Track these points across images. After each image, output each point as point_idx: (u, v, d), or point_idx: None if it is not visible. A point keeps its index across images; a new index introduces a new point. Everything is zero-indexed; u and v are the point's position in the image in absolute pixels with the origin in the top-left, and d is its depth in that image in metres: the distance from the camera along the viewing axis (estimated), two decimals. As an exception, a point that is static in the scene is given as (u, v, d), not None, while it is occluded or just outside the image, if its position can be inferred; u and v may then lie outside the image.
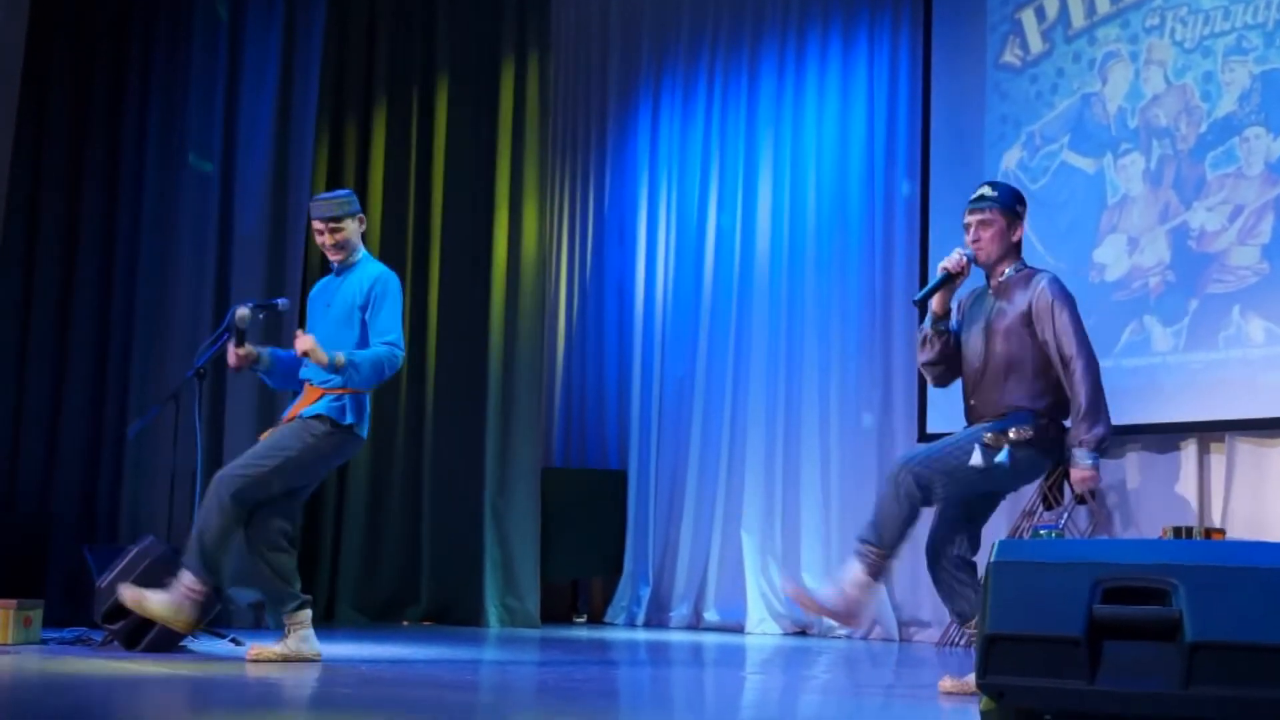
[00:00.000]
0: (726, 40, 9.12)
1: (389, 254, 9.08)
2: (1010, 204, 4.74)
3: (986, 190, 4.77)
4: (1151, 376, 6.91)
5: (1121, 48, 7.26)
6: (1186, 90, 6.99)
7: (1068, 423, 4.65)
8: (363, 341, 5.35)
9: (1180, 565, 3.24)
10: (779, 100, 8.76)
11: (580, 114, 10.11)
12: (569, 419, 9.90)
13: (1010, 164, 7.59)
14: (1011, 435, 4.58)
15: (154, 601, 5.18)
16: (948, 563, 4.83)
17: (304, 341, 5.17)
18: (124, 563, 5.71)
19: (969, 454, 4.58)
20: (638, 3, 9.76)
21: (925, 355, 4.88)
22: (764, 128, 8.80)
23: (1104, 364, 7.05)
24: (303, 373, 5.43)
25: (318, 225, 5.44)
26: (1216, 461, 6.73)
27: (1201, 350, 6.76)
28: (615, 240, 9.77)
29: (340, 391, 5.29)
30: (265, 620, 7.44)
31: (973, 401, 4.77)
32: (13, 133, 8.22)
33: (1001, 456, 4.57)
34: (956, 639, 7.16)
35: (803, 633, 8.11)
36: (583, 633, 8.08)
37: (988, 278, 4.80)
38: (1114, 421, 6.90)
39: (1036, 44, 7.61)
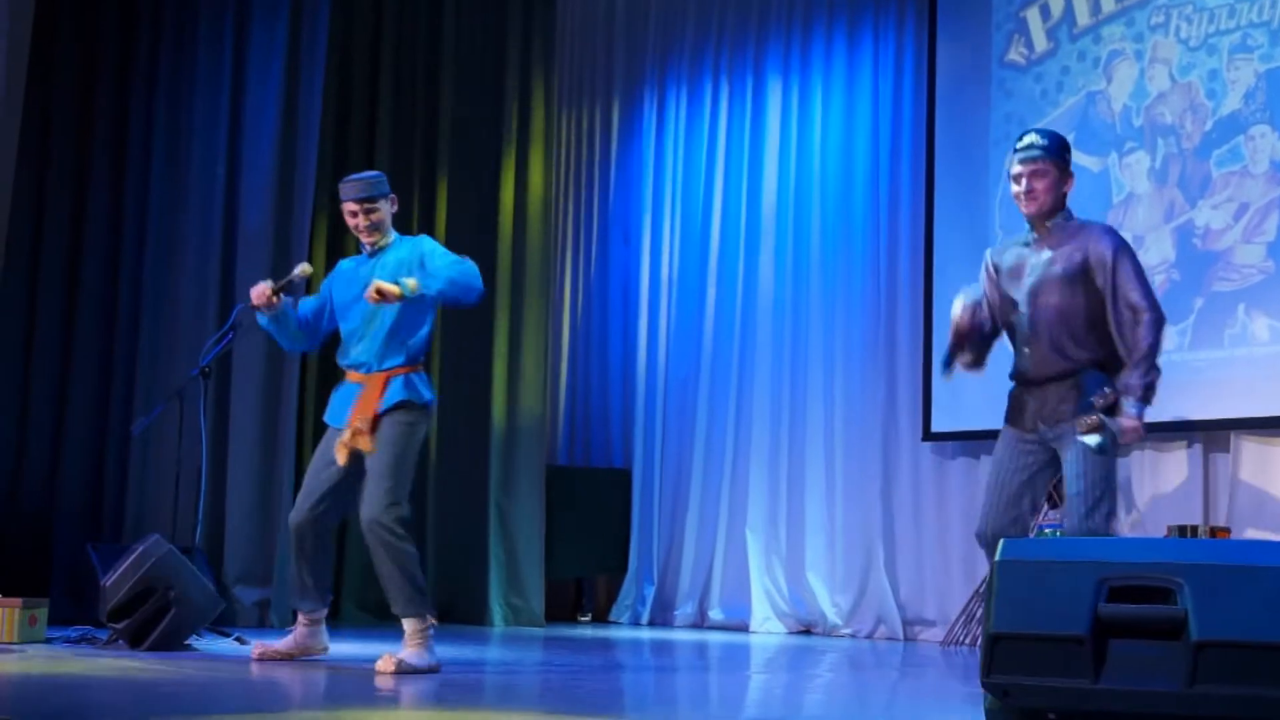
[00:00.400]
0: (732, 38, 9.11)
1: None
2: (1060, 153, 4.60)
3: (1036, 139, 4.62)
4: (1156, 375, 6.90)
5: (1126, 46, 7.26)
6: (1191, 88, 6.99)
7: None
8: (421, 312, 5.18)
9: (1185, 564, 3.24)
10: (784, 98, 8.75)
11: (585, 112, 10.11)
12: (574, 417, 9.90)
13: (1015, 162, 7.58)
14: (1098, 403, 4.39)
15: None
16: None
17: (373, 287, 4.92)
18: (129, 561, 5.71)
19: (1082, 447, 4.39)
20: (643, 2, 9.76)
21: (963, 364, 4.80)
22: (769, 126, 8.79)
23: (1109, 362, 7.08)
24: (353, 356, 5.23)
25: (350, 207, 5.26)
26: (1221, 460, 6.72)
27: (1207, 349, 6.75)
28: (620, 239, 9.77)
29: (404, 370, 5.11)
30: (270, 619, 7.45)
31: (1026, 349, 4.61)
32: (18, 130, 8.23)
33: (1106, 435, 4.36)
34: (961, 638, 7.16)
35: (807, 632, 8.11)
36: (587, 632, 8.08)
37: (1033, 228, 4.64)
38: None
39: (1041, 42, 7.60)
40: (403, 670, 4.77)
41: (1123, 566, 3.29)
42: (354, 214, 5.26)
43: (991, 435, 7.46)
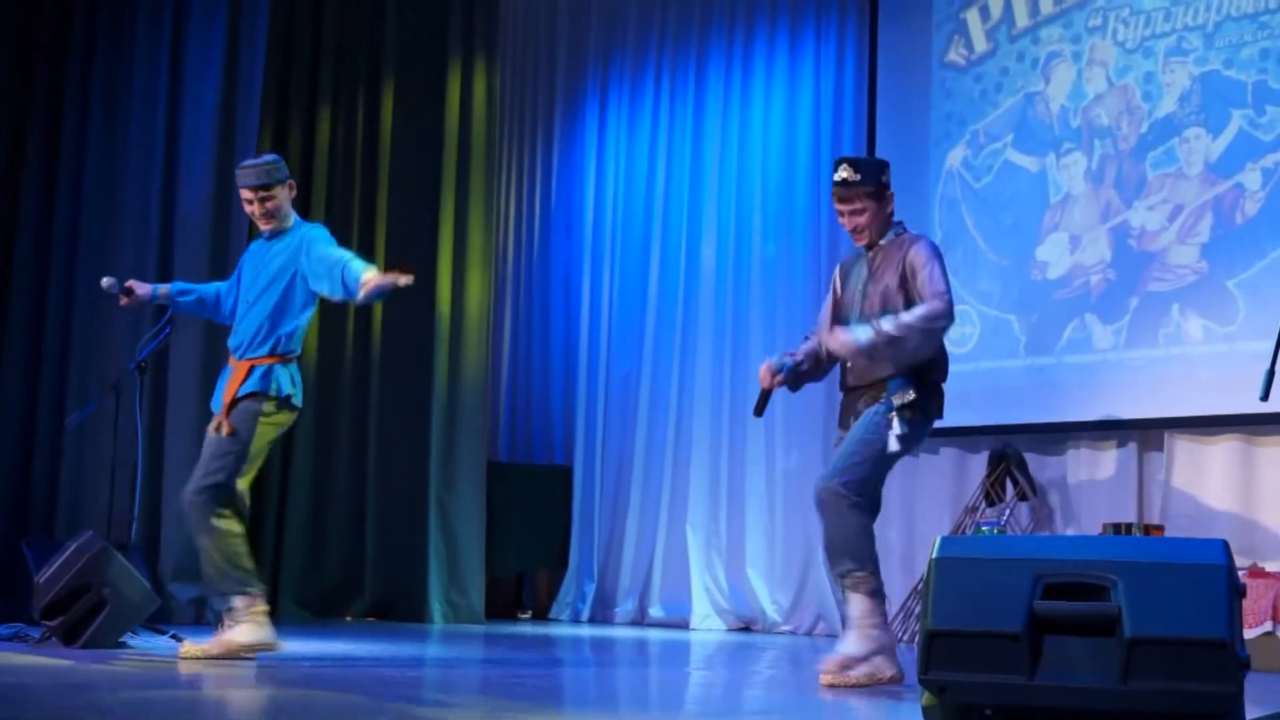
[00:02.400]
0: (674, 37, 9.12)
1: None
2: (875, 178, 4.66)
3: (847, 172, 4.66)
4: (1092, 374, 6.98)
5: (1064, 48, 7.33)
6: (1128, 90, 7.06)
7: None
8: (297, 303, 5.19)
9: (1119, 561, 3.27)
10: (726, 97, 8.77)
11: (527, 110, 10.09)
12: (515, 414, 9.88)
13: (954, 162, 7.64)
14: (896, 402, 4.56)
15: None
16: None
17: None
18: (63, 558, 5.65)
19: (884, 441, 4.57)
20: (585, 0, 9.75)
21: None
22: (711, 125, 8.81)
23: (1046, 361, 7.16)
24: (230, 340, 5.27)
25: (245, 195, 5.21)
26: (1155, 458, 6.81)
27: (1141, 348, 6.83)
28: (562, 236, 9.76)
29: (268, 360, 5.13)
30: (206, 616, 7.38)
31: (849, 364, 4.73)
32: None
33: (898, 429, 4.57)
34: (900, 634, 7.20)
35: (747, 629, 8.14)
36: (527, 629, 8.07)
37: (866, 249, 4.78)
38: (1054, 418, 7.02)
39: (981, 43, 7.66)
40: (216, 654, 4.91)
41: (1058, 564, 3.32)
42: (249, 201, 5.21)
43: (931, 432, 7.53)
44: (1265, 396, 4.16)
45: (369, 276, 4.83)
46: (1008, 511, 7.03)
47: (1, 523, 7.65)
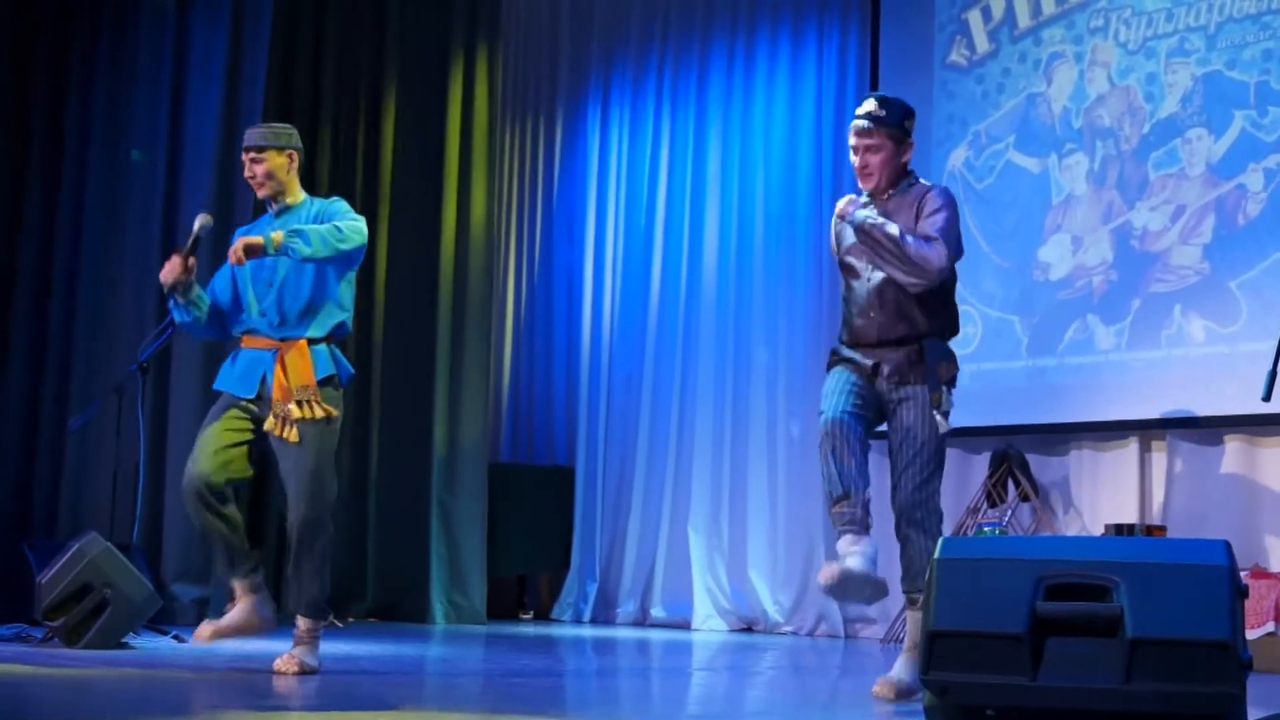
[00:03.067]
0: (676, 38, 9.12)
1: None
2: (900, 121, 4.47)
3: (873, 106, 4.48)
4: (1094, 375, 6.98)
5: (1066, 49, 7.33)
6: (1130, 91, 7.06)
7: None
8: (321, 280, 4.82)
9: (1121, 562, 3.28)
10: (728, 98, 8.77)
11: (530, 110, 10.09)
12: (517, 415, 9.88)
13: (956, 163, 7.64)
14: (944, 376, 4.38)
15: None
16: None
17: (239, 244, 4.58)
18: (65, 559, 5.65)
19: (941, 430, 4.43)
20: (587, 1, 9.75)
21: None
22: (713, 126, 8.81)
23: (1048, 362, 7.16)
24: (255, 321, 4.82)
25: (243, 157, 4.90)
26: (1157, 460, 6.80)
27: (1143, 349, 6.83)
28: (564, 237, 9.76)
29: (324, 340, 4.76)
30: (208, 616, 7.37)
31: (860, 322, 4.48)
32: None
33: (947, 403, 4.41)
34: (902, 635, 7.20)
35: (749, 629, 8.14)
36: (529, 629, 8.08)
37: (871, 199, 4.52)
38: (1056, 419, 7.02)
39: (983, 44, 7.66)
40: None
41: (1060, 564, 3.32)
42: (245, 164, 4.90)
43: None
44: (1267, 397, 4.17)
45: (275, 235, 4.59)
46: (1009, 512, 7.03)
47: (4, 524, 7.66)
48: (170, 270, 4.79)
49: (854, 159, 4.51)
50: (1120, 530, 6.35)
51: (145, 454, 6.70)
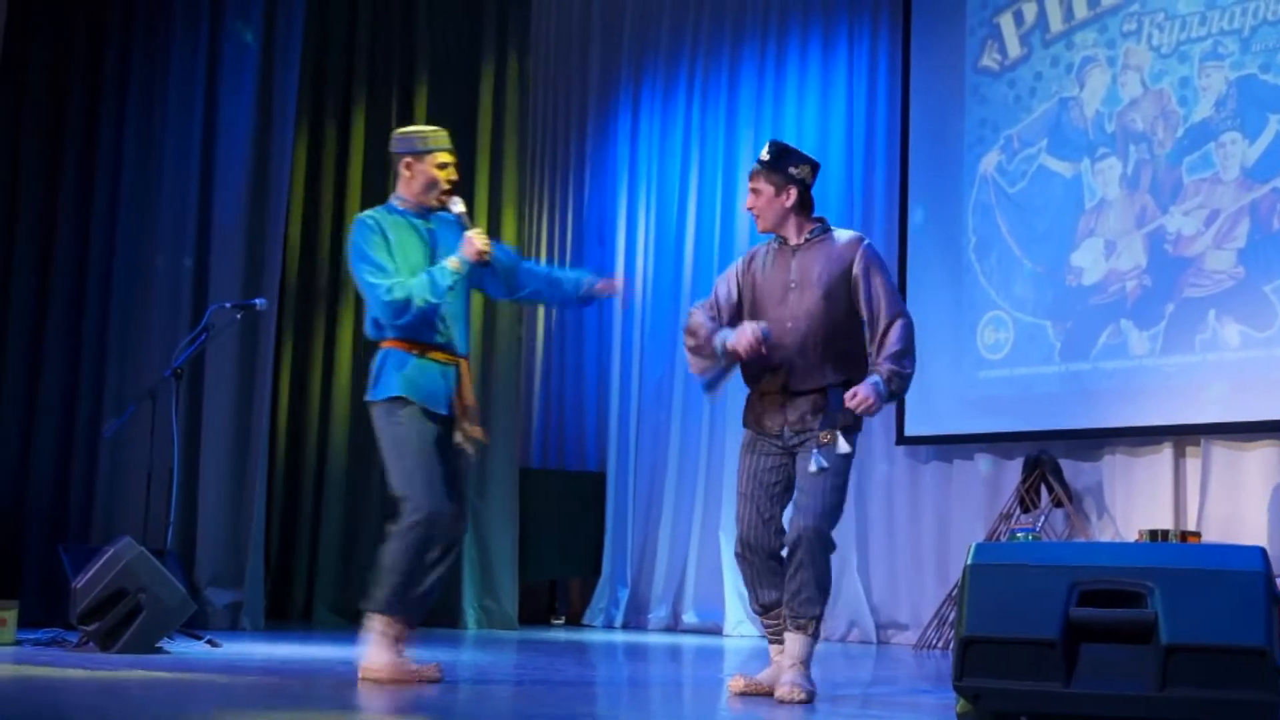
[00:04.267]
0: (706, 42, 9.12)
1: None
2: (783, 167, 4.54)
3: (763, 153, 4.61)
4: (1128, 380, 6.94)
5: (1099, 52, 7.29)
6: (1163, 95, 7.03)
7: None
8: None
9: (1156, 568, 3.26)
10: (759, 102, 8.76)
11: (560, 115, 10.11)
12: (548, 420, 9.89)
13: (989, 167, 7.62)
14: (841, 421, 4.46)
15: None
16: (767, 555, 4.60)
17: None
18: (100, 563, 5.68)
19: (846, 466, 4.49)
20: (618, 5, 9.76)
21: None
22: (744, 130, 8.80)
23: (1081, 367, 7.13)
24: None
25: (443, 159, 4.86)
26: (1192, 465, 6.76)
27: (1178, 354, 6.79)
28: (595, 241, 9.77)
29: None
30: (242, 621, 7.42)
31: (788, 366, 4.51)
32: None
33: (842, 447, 4.47)
34: (934, 641, 7.18)
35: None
36: (560, 634, 8.08)
37: (782, 240, 4.61)
38: (1090, 425, 6.99)
39: (1015, 48, 7.63)
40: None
41: (1094, 570, 3.31)
42: (444, 165, 4.85)
43: (965, 439, 7.52)
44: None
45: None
46: (1043, 518, 7.00)
47: (39, 528, 7.71)
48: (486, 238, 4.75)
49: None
50: (1155, 536, 6.30)
51: (179, 459, 6.73)
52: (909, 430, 7.71)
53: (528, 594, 8.86)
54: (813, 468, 4.44)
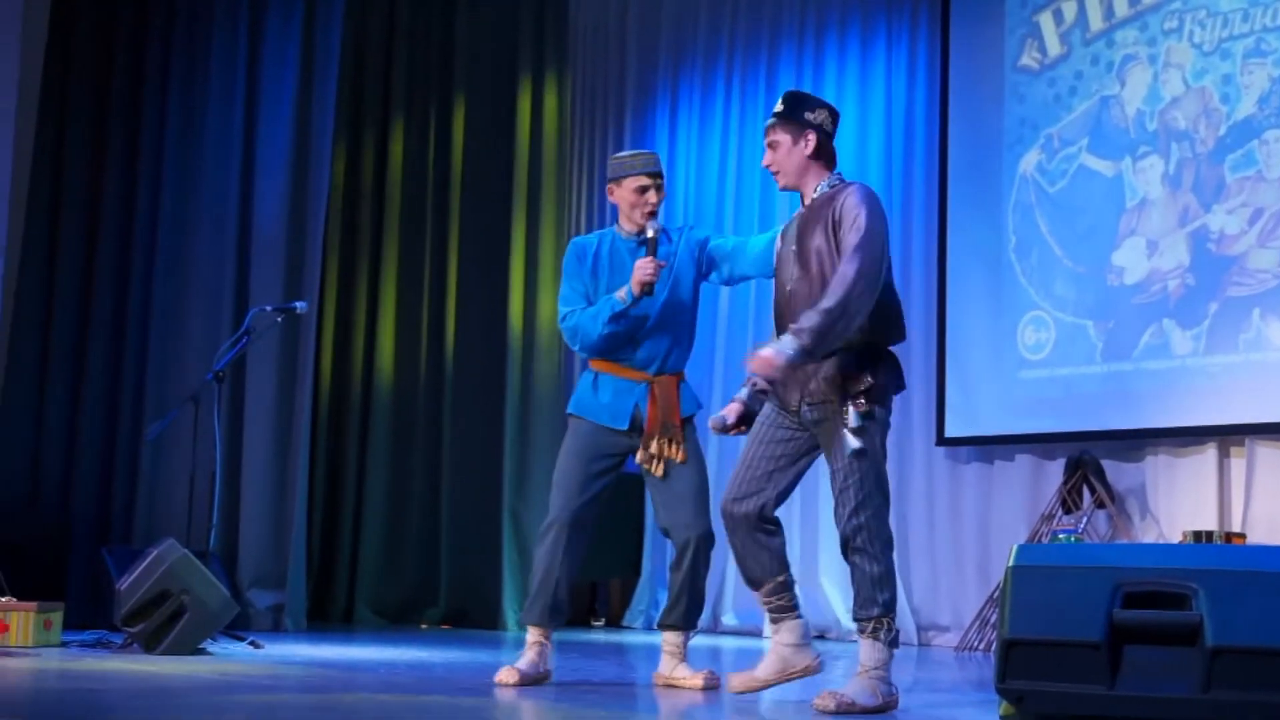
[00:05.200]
0: (744, 44, 9.11)
1: (408, 263, 9.11)
2: (799, 112, 4.23)
3: (777, 105, 4.30)
4: (1171, 380, 6.89)
5: (1140, 50, 7.25)
6: (1205, 93, 6.97)
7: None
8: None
9: (1200, 570, 3.24)
10: (797, 103, 8.73)
11: (598, 119, 10.11)
12: (587, 422, 9.88)
13: (1028, 167, 7.58)
14: (853, 393, 4.07)
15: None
16: (751, 523, 4.33)
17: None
18: (143, 565, 5.73)
19: (841, 444, 4.10)
20: (655, 8, 9.76)
21: None
22: (782, 131, 8.77)
23: (1123, 367, 7.08)
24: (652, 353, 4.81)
25: (644, 181, 4.78)
26: (1237, 465, 6.70)
27: (1221, 353, 6.74)
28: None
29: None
30: (284, 623, 7.46)
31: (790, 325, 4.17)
32: (34, 137, 8.27)
33: (854, 420, 4.07)
34: (976, 643, 7.15)
35: (821, 637, 8.10)
36: (600, 636, 8.08)
37: (802, 199, 4.31)
38: (1132, 425, 6.93)
39: (1055, 47, 7.59)
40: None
41: (1138, 572, 3.29)
42: (644, 189, 4.78)
43: (1006, 440, 7.48)
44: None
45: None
46: (1085, 519, 6.96)
47: (84, 531, 7.78)
48: (651, 274, 4.67)
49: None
50: (1199, 537, 6.25)
51: (221, 461, 6.78)
52: (949, 431, 7.68)
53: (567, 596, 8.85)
54: (848, 448, 4.08)
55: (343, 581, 8.83)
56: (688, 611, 4.83)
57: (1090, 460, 7.01)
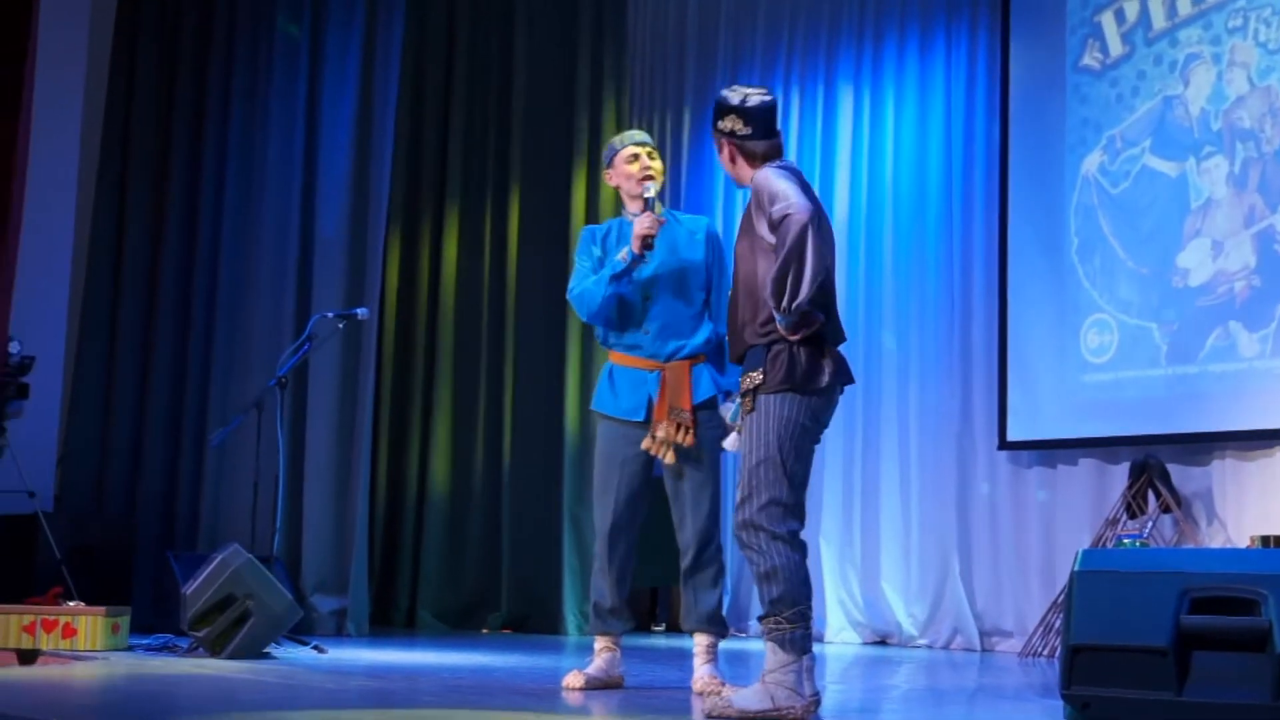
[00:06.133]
0: (803, 46, 9.08)
1: (466, 266, 9.15)
2: (713, 129, 4.16)
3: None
4: (1237, 383, 6.81)
5: (1204, 49, 7.17)
6: (1271, 92, 6.89)
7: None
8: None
9: (1270, 575, 3.20)
10: (856, 105, 8.70)
11: (657, 122, 10.11)
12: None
13: (1091, 168, 7.51)
14: (741, 388, 3.94)
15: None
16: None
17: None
18: (208, 570, 5.78)
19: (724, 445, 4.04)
20: (714, 10, 9.75)
21: None
22: (841, 133, 8.75)
23: (1189, 370, 7.00)
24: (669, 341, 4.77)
25: (633, 149, 4.83)
26: (1306, 468, 6.62)
27: (1289, 356, 6.65)
28: (692, 248, 9.75)
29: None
30: (347, 628, 7.51)
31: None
32: (99, 147, 8.39)
33: (732, 416, 4.01)
34: (1040, 649, 7.09)
35: (882, 642, 8.06)
36: (661, 641, 8.08)
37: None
38: (1198, 429, 6.85)
39: (1116, 47, 7.53)
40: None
41: (1205, 577, 3.25)
42: (633, 158, 4.82)
43: (1070, 444, 7.41)
44: None
45: None
46: (1150, 524, 6.88)
47: (150, 536, 7.86)
48: (649, 220, 4.67)
49: None
50: (1268, 542, 6.19)
51: (284, 467, 6.83)
52: (1011, 435, 7.62)
53: (628, 601, 8.86)
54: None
55: (404, 586, 8.88)
56: (707, 618, 4.80)
57: (1155, 464, 6.94)
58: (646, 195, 4.75)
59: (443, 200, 9.22)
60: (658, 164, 4.85)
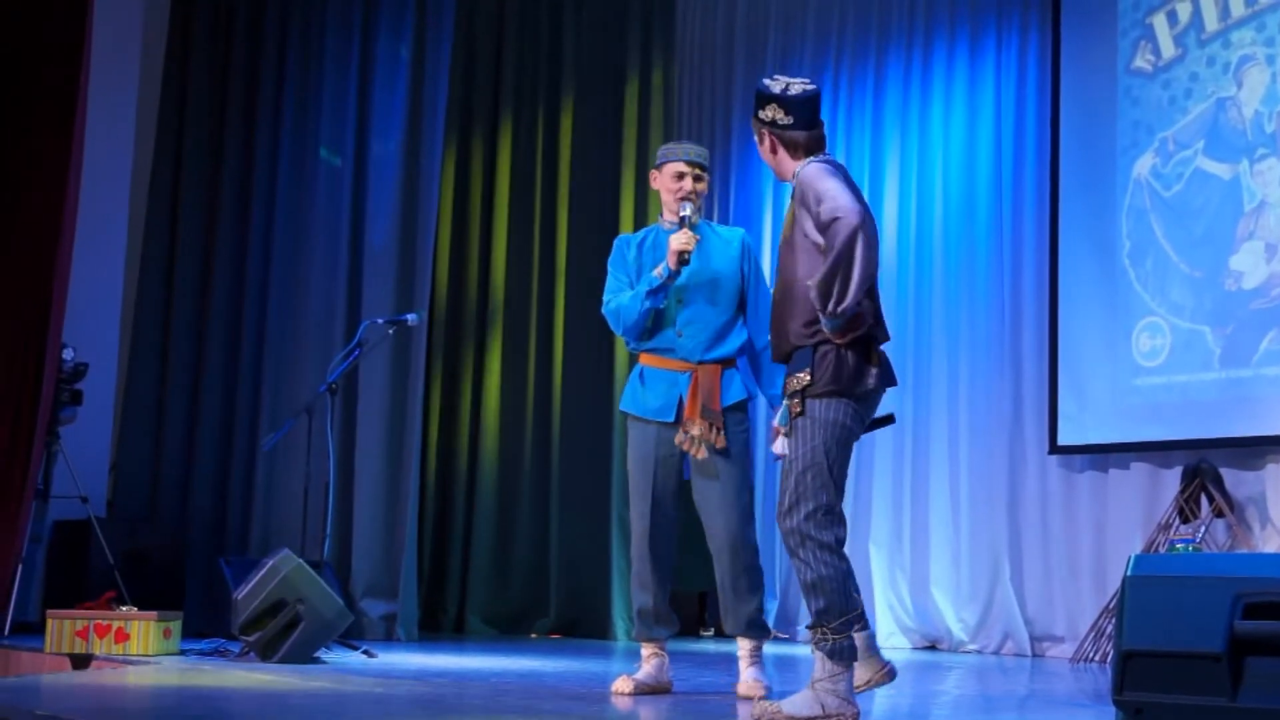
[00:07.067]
0: (852, 48, 9.06)
1: (515, 269, 9.17)
2: (753, 118, 4.12)
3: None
4: (1292, 386, 6.73)
5: (1257, 51, 7.10)
6: (1326, 92, 6.81)
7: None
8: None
9: (1325, 580, 3.16)
10: (904, 107, 8.68)
11: (705, 122, 10.10)
12: (695, 432, 9.87)
13: (1143, 170, 7.45)
14: (788, 388, 3.92)
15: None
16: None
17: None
18: (259, 575, 5.82)
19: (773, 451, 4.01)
20: (762, 11, 9.74)
21: None
22: (890, 136, 8.72)
23: (1242, 374, 6.92)
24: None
25: (680, 168, 4.85)
26: (1362, 473, 6.54)
27: (1345, 359, 6.57)
28: (740, 253, 9.74)
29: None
30: (397, 632, 7.53)
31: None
32: (152, 156, 8.46)
33: (780, 419, 3.97)
34: (1091, 654, 7.03)
35: (932, 648, 8.02)
36: (709, 645, 8.07)
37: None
38: (1252, 433, 6.78)
39: (1169, 49, 7.46)
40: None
41: (1260, 582, 3.21)
42: (680, 175, 4.84)
43: (1121, 448, 7.36)
44: None
45: None
46: (1203, 529, 6.82)
47: (201, 541, 7.92)
48: (684, 236, 4.69)
49: None
50: (1322, 547, 6.12)
51: (334, 472, 6.87)
52: (1062, 440, 7.57)
53: (676, 605, 8.84)
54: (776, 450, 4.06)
55: (454, 591, 8.91)
56: (746, 623, 4.82)
57: (1208, 468, 6.87)
58: (683, 214, 4.79)
59: (491, 206, 9.25)
60: (701, 186, 4.88)
